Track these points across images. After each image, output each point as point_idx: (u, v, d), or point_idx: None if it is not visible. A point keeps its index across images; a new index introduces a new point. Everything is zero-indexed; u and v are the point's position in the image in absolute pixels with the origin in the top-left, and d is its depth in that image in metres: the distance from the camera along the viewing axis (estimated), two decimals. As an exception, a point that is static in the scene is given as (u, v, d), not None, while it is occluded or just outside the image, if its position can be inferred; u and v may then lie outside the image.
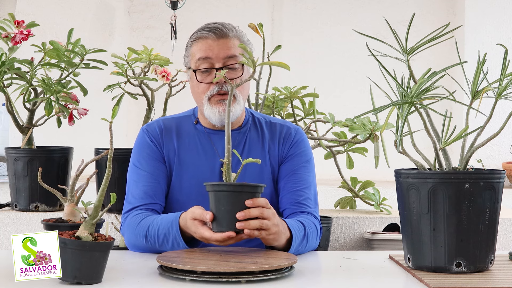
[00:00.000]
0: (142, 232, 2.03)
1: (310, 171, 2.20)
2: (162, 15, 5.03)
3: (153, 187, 2.14)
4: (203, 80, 2.14)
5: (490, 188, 1.71)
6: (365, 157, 3.10)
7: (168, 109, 3.03)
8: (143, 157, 2.17)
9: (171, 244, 1.98)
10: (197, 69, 2.14)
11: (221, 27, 2.14)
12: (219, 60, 2.13)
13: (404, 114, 1.71)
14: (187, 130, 2.21)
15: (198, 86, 2.15)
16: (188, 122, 2.23)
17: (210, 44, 2.13)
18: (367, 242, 3.04)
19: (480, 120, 1.73)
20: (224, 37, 2.13)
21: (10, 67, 2.76)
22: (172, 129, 2.20)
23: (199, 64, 2.14)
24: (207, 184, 1.88)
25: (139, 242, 2.05)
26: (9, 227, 2.96)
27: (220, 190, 1.86)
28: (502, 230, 3.04)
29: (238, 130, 2.20)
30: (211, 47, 2.13)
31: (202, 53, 2.13)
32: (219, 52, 2.12)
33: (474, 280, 1.66)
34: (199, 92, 2.15)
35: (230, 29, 2.15)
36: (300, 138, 2.23)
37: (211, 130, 2.20)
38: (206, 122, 2.20)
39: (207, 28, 2.15)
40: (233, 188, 1.86)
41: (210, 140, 2.19)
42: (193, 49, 2.16)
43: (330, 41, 5.00)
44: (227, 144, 1.87)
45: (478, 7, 4.71)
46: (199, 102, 2.17)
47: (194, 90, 2.18)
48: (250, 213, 1.84)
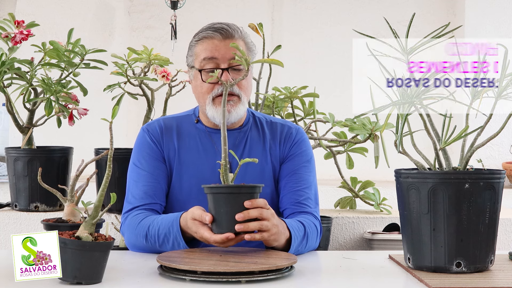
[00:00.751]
0: (142, 232, 2.03)
1: (310, 171, 2.20)
2: (162, 15, 5.03)
3: (153, 187, 2.14)
4: (208, 80, 2.14)
5: (490, 188, 1.71)
6: (365, 157, 3.10)
7: (168, 109, 3.03)
8: (143, 157, 2.17)
9: (172, 244, 1.98)
10: (203, 69, 2.14)
11: (227, 28, 2.14)
12: (225, 61, 2.12)
13: (404, 114, 1.71)
14: (188, 129, 2.21)
15: (202, 86, 2.15)
16: (189, 121, 2.23)
17: (216, 44, 2.13)
18: (367, 242, 3.04)
19: (480, 120, 1.73)
20: (230, 38, 2.13)
21: (10, 67, 2.76)
22: (173, 128, 2.20)
23: (204, 64, 2.14)
24: (205, 186, 1.88)
25: (139, 242, 2.05)
26: (9, 227, 2.96)
27: (218, 192, 1.86)
28: (502, 230, 3.04)
29: (239, 129, 2.20)
30: (217, 47, 2.13)
31: (208, 53, 2.13)
32: (225, 53, 2.12)
33: (474, 280, 1.66)
34: (202, 92, 2.15)
35: (236, 30, 2.15)
36: (301, 138, 2.23)
37: (212, 129, 2.20)
38: (207, 121, 2.20)
39: (212, 28, 2.14)
40: (230, 190, 1.85)
41: (211, 139, 2.19)
42: (197, 49, 2.16)
43: (330, 41, 5.00)
44: (223, 145, 1.87)
45: (478, 7, 4.71)
46: (202, 101, 2.17)
47: (197, 89, 2.18)
48: (249, 214, 1.84)
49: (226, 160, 1.86)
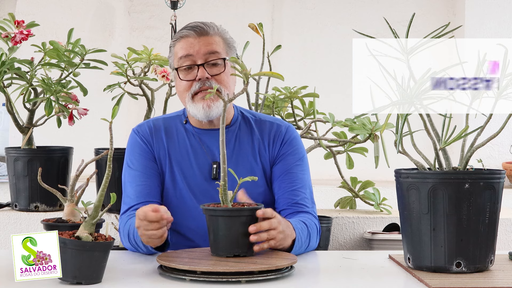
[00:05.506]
0: (126, 232, 2.04)
1: (304, 169, 2.18)
2: (162, 15, 5.02)
3: (147, 186, 2.14)
4: (185, 77, 2.14)
5: (490, 188, 1.71)
6: (365, 157, 3.10)
7: (168, 109, 3.03)
8: (135, 157, 2.18)
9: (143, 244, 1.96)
10: (179, 67, 2.15)
11: (201, 25, 2.16)
12: (201, 57, 2.13)
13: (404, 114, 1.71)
14: (177, 130, 2.21)
15: (180, 85, 2.16)
16: (178, 122, 2.23)
17: (191, 42, 2.14)
18: (367, 242, 3.04)
19: (480, 120, 1.73)
20: (205, 34, 2.14)
21: (10, 67, 2.76)
22: (162, 129, 2.20)
23: (181, 62, 2.15)
24: (203, 207, 1.82)
25: (126, 242, 2.06)
26: (9, 227, 2.96)
27: (216, 215, 1.79)
28: (502, 230, 3.04)
29: (227, 128, 2.19)
30: (192, 44, 2.14)
31: (184, 51, 2.14)
32: (200, 49, 2.13)
33: (474, 280, 1.66)
34: (182, 90, 2.16)
35: (211, 27, 2.16)
36: (292, 136, 2.20)
37: (200, 130, 2.19)
38: (195, 122, 2.20)
39: (188, 27, 2.17)
40: (229, 213, 1.78)
41: (199, 140, 2.18)
42: (175, 49, 2.18)
43: (330, 41, 5.00)
44: (223, 164, 1.81)
45: (478, 7, 4.71)
46: (183, 100, 2.18)
47: (178, 89, 2.19)
48: (261, 226, 1.81)
49: (225, 180, 1.80)
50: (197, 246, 2.05)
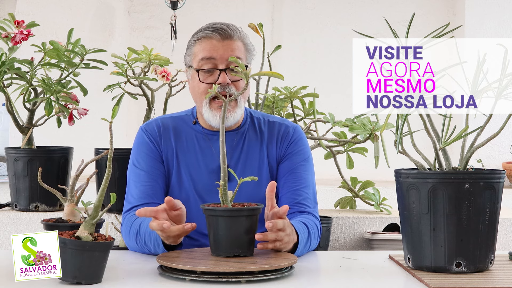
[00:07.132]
0: (134, 232, 2.03)
1: (308, 170, 2.19)
2: (162, 15, 5.03)
3: (152, 187, 2.13)
4: (205, 80, 2.13)
5: (490, 188, 1.71)
6: (365, 157, 3.10)
7: (168, 109, 3.03)
8: (142, 157, 2.17)
9: (153, 245, 1.96)
10: (200, 69, 2.13)
11: (226, 28, 2.13)
12: (223, 61, 2.11)
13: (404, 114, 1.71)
14: (185, 130, 2.20)
15: (199, 86, 2.14)
16: (187, 122, 2.22)
17: (215, 44, 2.12)
18: (367, 242, 3.04)
19: (480, 120, 1.73)
20: (228, 38, 2.12)
21: (10, 67, 2.76)
22: (170, 128, 2.19)
23: (202, 64, 2.12)
24: (203, 207, 1.81)
25: (132, 242, 2.05)
26: (9, 227, 2.96)
27: (216, 215, 1.78)
28: (502, 230, 3.04)
29: (236, 130, 2.20)
30: (215, 47, 2.11)
31: (206, 53, 2.12)
32: (223, 53, 2.11)
33: (474, 280, 1.66)
34: (199, 92, 2.14)
35: (234, 31, 2.14)
36: (298, 136, 2.22)
37: (209, 131, 2.19)
38: (204, 123, 2.19)
39: (211, 28, 2.13)
40: (229, 213, 1.78)
41: (208, 141, 2.18)
42: (196, 48, 2.15)
43: (330, 41, 5.00)
44: (222, 164, 1.80)
45: (478, 7, 4.71)
46: (198, 102, 2.16)
47: (194, 90, 2.17)
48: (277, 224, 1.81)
49: (225, 180, 1.80)
50: (201, 246, 2.05)
